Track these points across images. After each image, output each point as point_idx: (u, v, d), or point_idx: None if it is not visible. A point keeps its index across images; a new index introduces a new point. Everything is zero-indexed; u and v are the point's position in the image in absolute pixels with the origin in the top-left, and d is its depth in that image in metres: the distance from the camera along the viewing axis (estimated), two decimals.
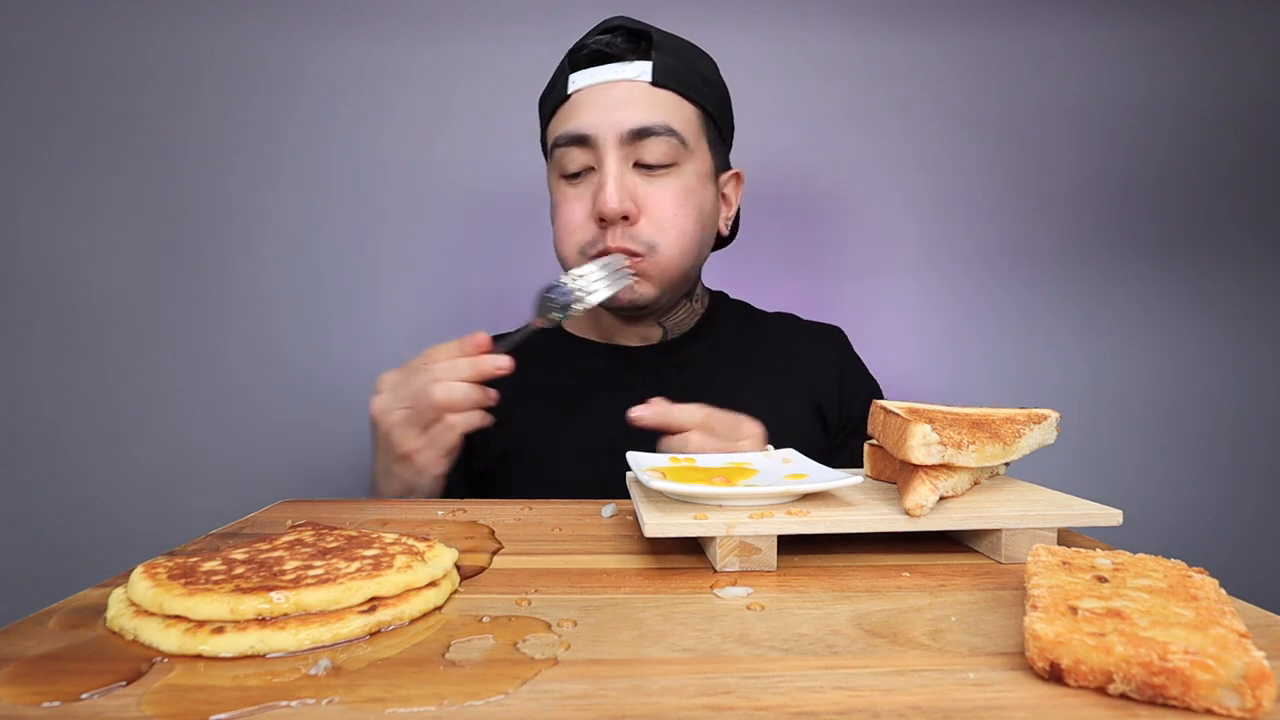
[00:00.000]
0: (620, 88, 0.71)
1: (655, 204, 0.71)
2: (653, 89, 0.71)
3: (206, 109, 1.07)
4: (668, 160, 0.71)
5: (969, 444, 0.42)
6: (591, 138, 0.70)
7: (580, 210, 0.72)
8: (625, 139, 0.70)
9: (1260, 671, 0.23)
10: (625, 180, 0.70)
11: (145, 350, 1.06)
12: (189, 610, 0.30)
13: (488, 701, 0.25)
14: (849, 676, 0.27)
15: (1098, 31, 1.13)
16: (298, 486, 1.04)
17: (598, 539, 0.46)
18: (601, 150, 0.70)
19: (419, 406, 0.61)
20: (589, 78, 0.71)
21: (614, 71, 0.71)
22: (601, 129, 0.70)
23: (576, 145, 0.71)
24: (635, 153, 0.70)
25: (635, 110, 0.70)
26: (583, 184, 0.72)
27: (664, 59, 0.72)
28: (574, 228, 0.72)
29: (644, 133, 0.70)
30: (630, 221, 0.70)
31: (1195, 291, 1.15)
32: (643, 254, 0.71)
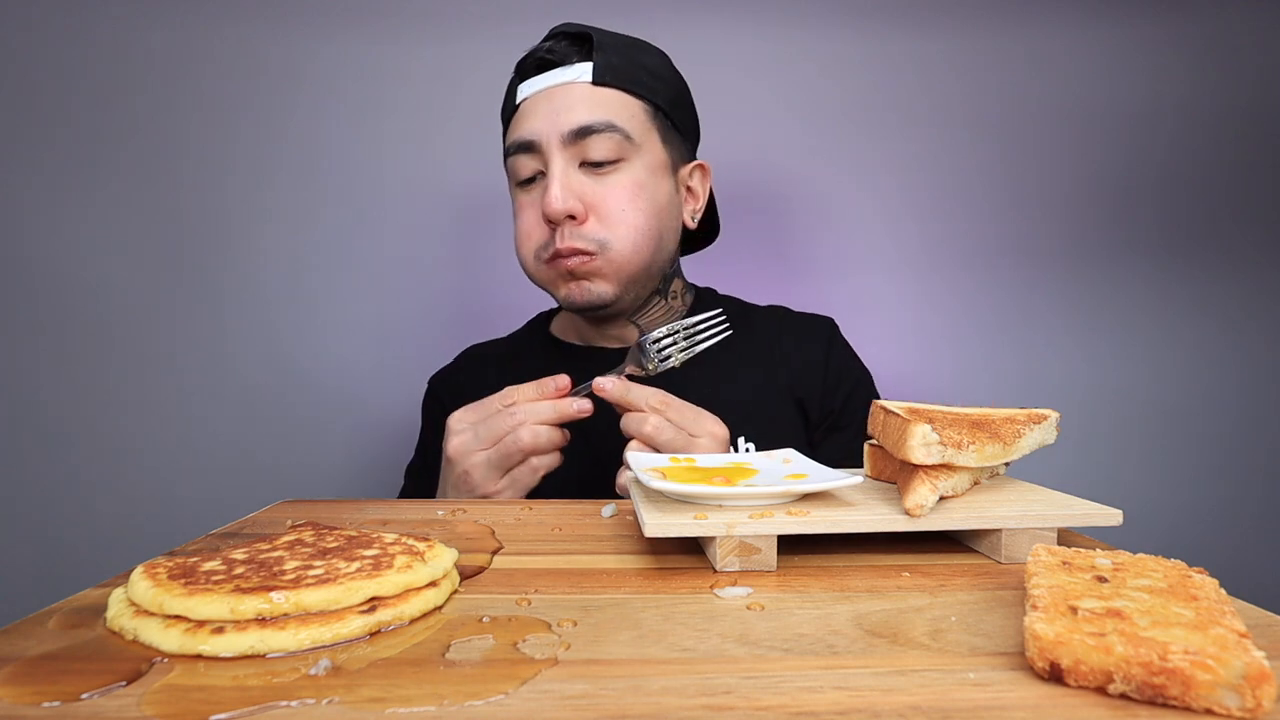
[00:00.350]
0: (562, 91, 0.72)
1: (603, 201, 0.71)
2: (595, 89, 0.72)
3: (206, 109, 1.07)
4: (613, 156, 0.71)
5: (969, 444, 0.42)
6: (536, 142, 0.71)
7: (533, 215, 0.73)
8: (567, 140, 0.70)
9: (1260, 671, 0.23)
10: (570, 180, 0.70)
11: (145, 350, 1.06)
12: (189, 610, 0.30)
13: (488, 701, 0.25)
14: (849, 676, 0.27)
15: (1098, 32, 1.13)
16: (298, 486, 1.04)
17: (598, 539, 0.46)
18: (546, 153, 0.71)
19: (504, 449, 0.62)
20: (533, 85, 0.73)
21: (556, 76, 0.72)
22: (544, 133, 0.71)
23: (524, 152, 0.72)
24: (580, 152, 0.71)
25: (576, 111, 0.71)
26: (535, 189, 0.73)
27: (605, 58, 0.73)
28: (528, 232, 0.73)
29: (585, 131, 0.70)
30: (578, 221, 0.70)
31: (1195, 291, 1.15)
32: (594, 252, 0.71)
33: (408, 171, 1.10)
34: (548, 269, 0.73)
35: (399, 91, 1.09)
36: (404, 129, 1.10)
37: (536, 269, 0.75)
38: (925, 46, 1.13)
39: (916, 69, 1.13)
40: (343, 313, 1.10)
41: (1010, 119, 1.14)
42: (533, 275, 0.76)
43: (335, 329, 1.10)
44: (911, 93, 1.13)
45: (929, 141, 1.13)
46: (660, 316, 0.81)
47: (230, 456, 1.07)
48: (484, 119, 1.10)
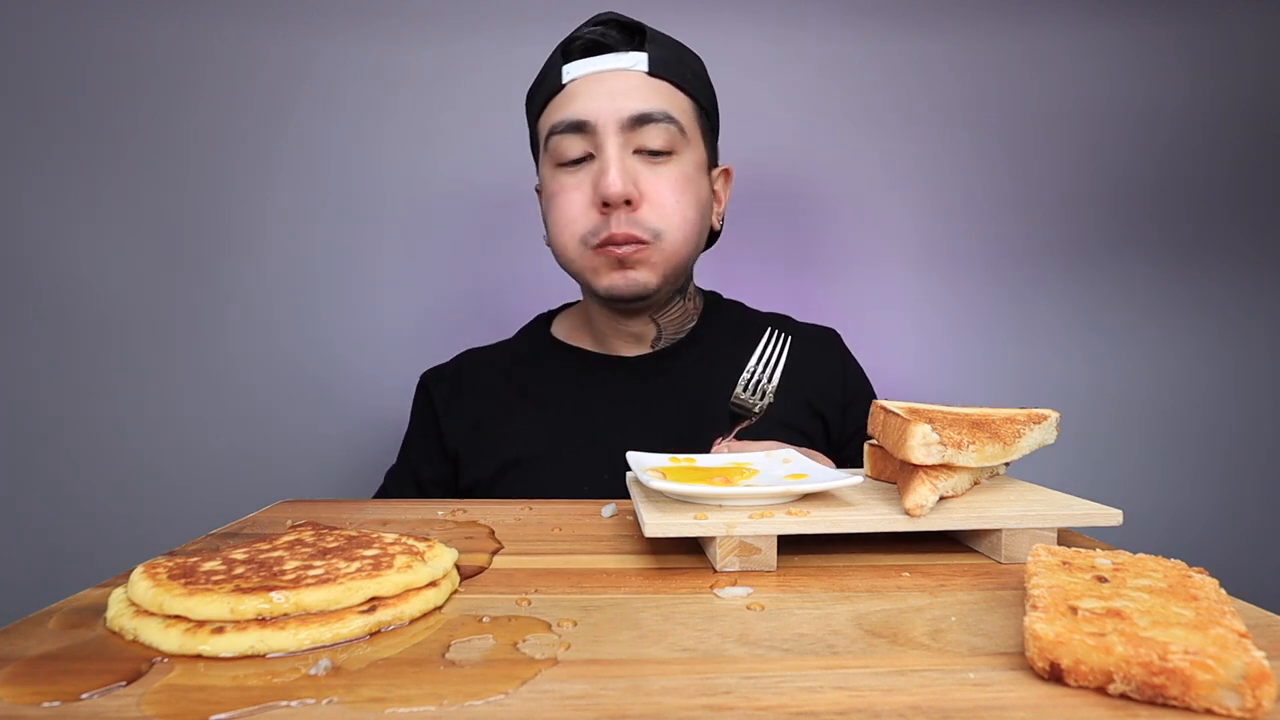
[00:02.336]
0: (617, 77, 0.71)
1: (656, 190, 0.70)
2: (649, 78, 0.71)
3: (206, 109, 1.07)
4: (668, 147, 0.71)
5: (969, 444, 0.42)
6: (591, 124, 0.69)
7: (579, 198, 0.71)
8: (625, 125, 0.69)
9: (1260, 671, 0.23)
10: (627, 165, 0.69)
11: (145, 350, 1.06)
12: (189, 610, 0.30)
13: (488, 701, 0.25)
14: (849, 676, 0.27)
15: (1098, 32, 1.13)
16: (298, 486, 1.04)
17: (598, 539, 0.46)
18: (601, 136, 0.69)
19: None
20: (584, 67, 0.71)
21: (610, 61, 0.71)
22: (601, 115, 0.69)
23: (574, 132, 0.70)
24: (635, 139, 0.70)
25: (634, 98, 0.70)
26: (581, 172, 0.71)
27: (658, 50, 0.72)
28: (574, 216, 0.71)
29: (644, 119, 0.69)
30: (633, 207, 0.69)
31: (1195, 292, 1.15)
32: (648, 241, 0.70)
33: (408, 171, 1.10)
34: (594, 256, 0.71)
35: (399, 92, 1.09)
36: (404, 129, 1.10)
37: (580, 254, 0.72)
38: (925, 47, 1.13)
39: (916, 69, 1.13)
40: (343, 312, 1.10)
41: (1010, 119, 1.14)
42: (572, 261, 0.73)
43: (335, 329, 1.10)
44: (911, 93, 1.13)
45: (929, 142, 1.13)
46: (677, 317, 0.81)
47: (230, 456, 1.07)
48: (484, 119, 1.10)
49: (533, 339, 0.87)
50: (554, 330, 0.86)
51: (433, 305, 1.11)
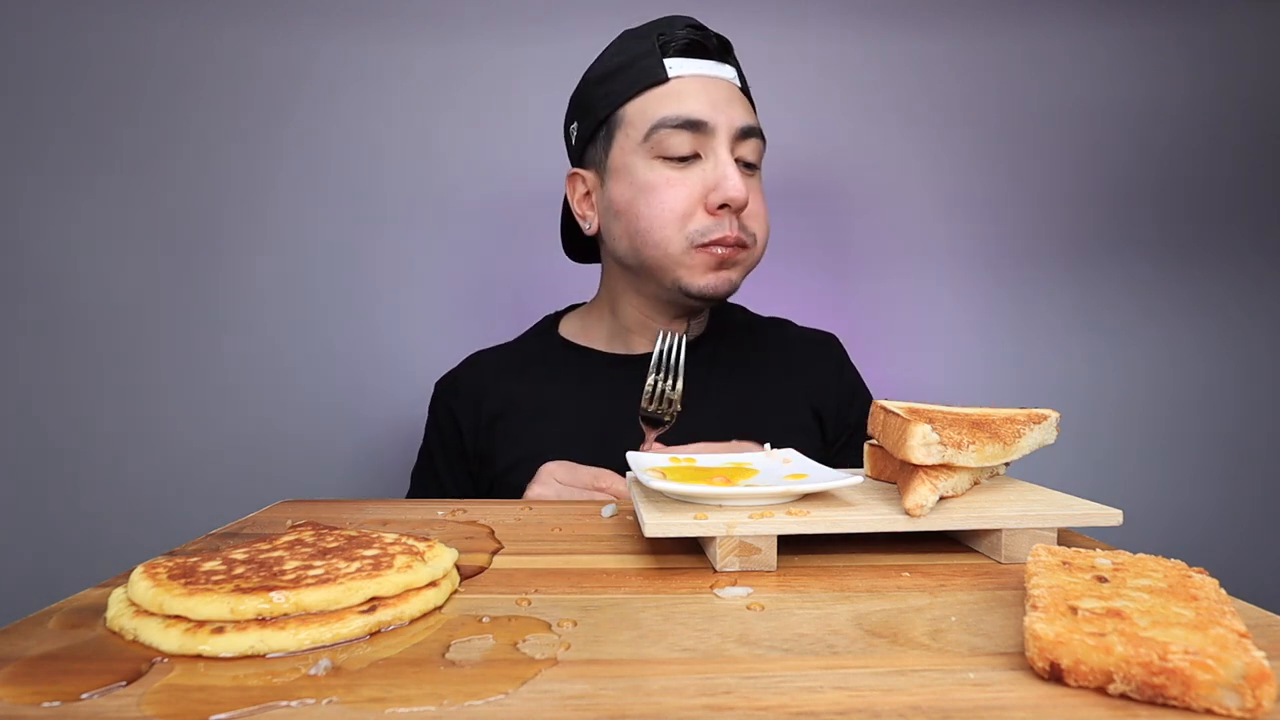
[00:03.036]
0: (722, 85, 0.73)
1: (754, 199, 0.74)
2: (741, 94, 0.75)
3: (206, 109, 1.07)
4: (759, 161, 0.76)
5: (969, 444, 0.42)
6: (710, 126, 0.71)
7: (685, 195, 0.72)
8: (737, 134, 0.72)
9: (1260, 671, 0.23)
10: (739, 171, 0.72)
11: (145, 350, 1.06)
12: (189, 610, 0.30)
13: (488, 701, 0.25)
14: (849, 676, 0.27)
15: (1098, 31, 1.13)
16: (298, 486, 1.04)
17: (598, 539, 0.46)
18: (716, 140, 0.72)
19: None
20: (689, 67, 0.73)
21: (712, 68, 0.74)
22: (717, 120, 0.71)
23: (687, 130, 0.71)
24: (738, 149, 0.73)
25: (739, 109, 0.73)
26: (689, 170, 0.72)
27: (739, 70, 0.77)
28: (683, 213, 0.72)
29: (749, 132, 0.73)
30: (742, 213, 0.73)
31: (1195, 291, 1.15)
32: (749, 245, 0.74)
33: (408, 172, 1.10)
34: (697, 254, 0.72)
35: (399, 91, 1.09)
36: (404, 129, 1.10)
37: (682, 250, 0.73)
38: (925, 47, 1.13)
39: (916, 69, 1.13)
40: (343, 312, 1.10)
41: (1010, 119, 1.14)
42: (669, 255, 0.73)
43: (335, 328, 1.10)
44: (911, 93, 1.13)
45: (929, 141, 1.13)
46: (705, 317, 0.83)
47: (230, 456, 1.07)
48: (485, 119, 1.10)
49: (541, 339, 0.87)
50: (562, 330, 0.86)
51: (434, 305, 1.11)
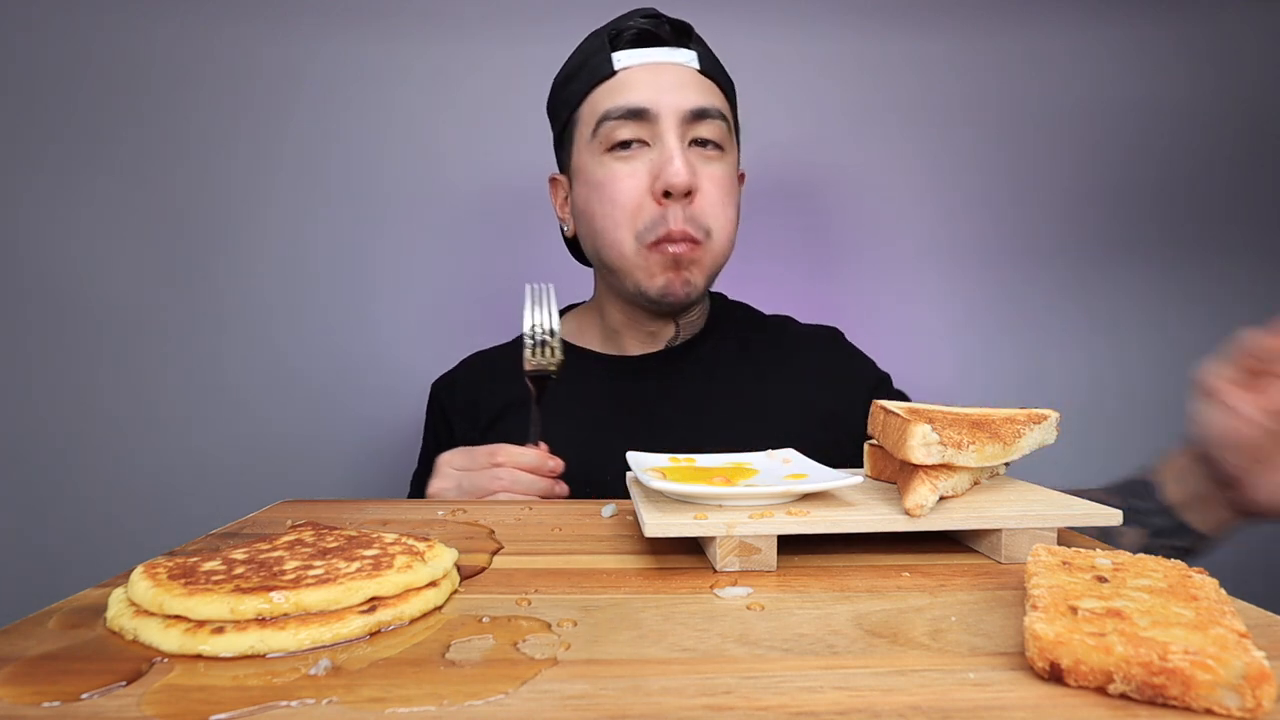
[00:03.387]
0: (672, 70, 0.71)
1: (710, 185, 0.70)
2: (700, 76, 0.72)
3: (206, 109, 1.07)
4: (720, 141, 0.72)
5: (969, 444, 0.42)
6: (651, 112, 0.69)
7: (634, 187, 0.70)
8: (686, 117, 0.69)
9: (1260, 671, 0.23)
10: (687, 155, 0.69)
11: (145, 350, 1.06)
12: (189, 610, 0.30)
13: (488, 701, 0.25)
14: (849, 676, 0.27)
15: (1098, 31, 1.13)
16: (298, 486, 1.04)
17: (598, 539, 0.46)
18: (662, 125, 0.69)
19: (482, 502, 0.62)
20: (637, 57, 0.71)
21: (663, 54, 0.71)
22: (661, 105, 0.69)
23: (632, 119, 0.70)
24: (692, 131, 0.70)
25: (692, 92, 0.70)
26: (635, 159, 0.70)
27: (705, 51, 0.73)
28: (628, 206, 0.70)
29: (703, 113, 0.70)
30: (691, 199, 0.69)
31: (1195, 291, 1.15)
32: (700, 240, 0.70)
33: (408, 172, 1.10)
34: (647, 254, 0.70)
35: (399, 91, 1.09)
36: (404, 129, 1.10)
37: (635, 253, 0.70)
38: (925, 47, 1.13)
39: (916, 69, 1.13)
40: (343, 313, 1.10)
41: (1010, 119, 1.14)
42: (624, 258, 0.71)
43: (336, 329, 1.10)
44: (911, 93, 1.13)
45: (929, 141, 1.13)
46: (696, 318, 0.81)
47: (230, 456, 1.07)
48: (485, 119, 1.10)
49: None
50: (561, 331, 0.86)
51: (434, 305, 1.11)
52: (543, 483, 0.64)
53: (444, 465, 0.65)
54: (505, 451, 0.63)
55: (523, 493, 0.62)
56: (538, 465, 0.63)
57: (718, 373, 0.79)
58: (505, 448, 0.63)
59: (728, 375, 0.79)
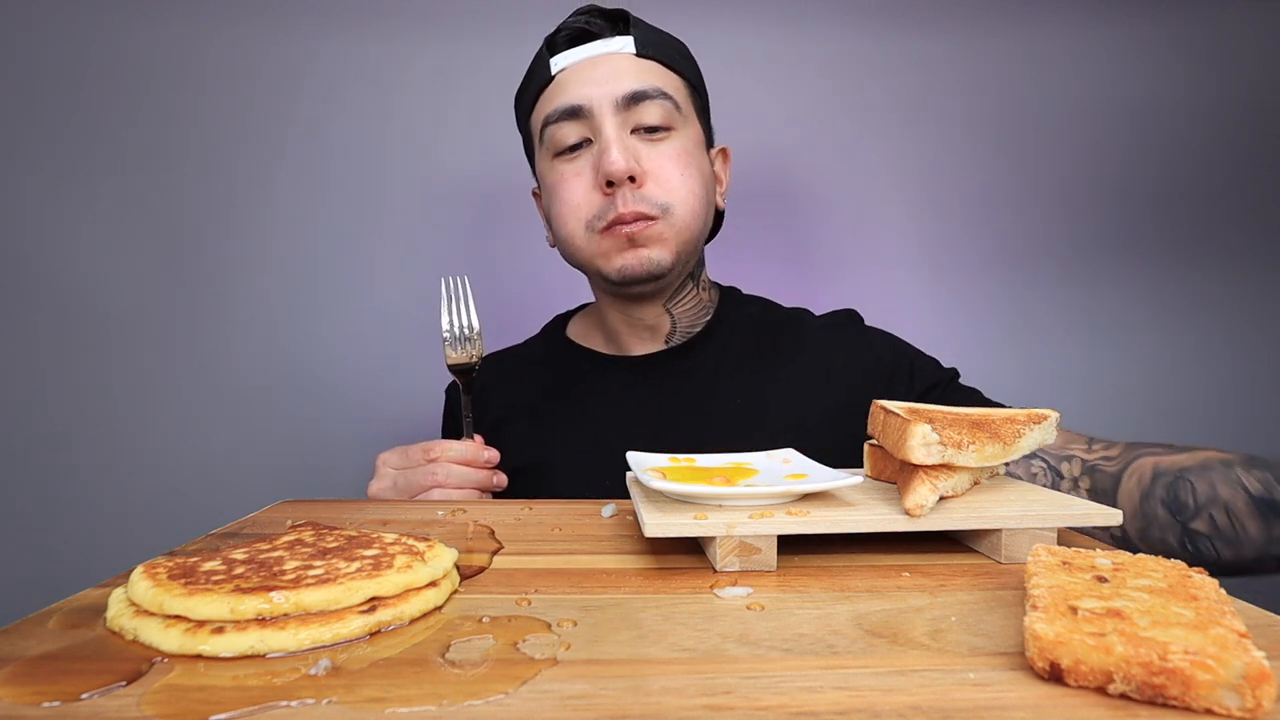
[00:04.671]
0: (607, 60, 0.71)
1: (659, 166, 0.70)
2: (638, 59, 0.71)
3: (206, 108, 1.07)
4: (665, 123, 0.70)
5: (969, 444, 0.42)
6: (585, 107, 0.69)
7: (581, 184, 0.70)
8: (620, 104, 0.69)
9: (1260, 671, 0.23)
10: (627, 143, 0.69)
11: (145, 350, 1.06)
12: (189, 610, 0.30)
13: (488, 701, 0.25)
14: (849, 676, 0.27)
15: (1098, 31, 1.13)
16: (298, 486, 1.04)
17: (598, 539, 0.46)
18: (597, 118, 0.69)
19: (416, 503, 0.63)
20: (572, 56, 0.71)
21: (597, 47, 0.71)
22: (594, 98, 0.69)
23: (569, 119, 0.70)
24: (632, 118, 0.70)
25: (625, 78, 0.70)
26: (580, 158, 0.71)
27: (643, 33, 0.72)
28: (577, 203, 0.70)
29: (639, 96, 0.69)
30: (637, 183, 0.68)
31: (1195, 291, 1.15)
32: (656, 216, 0.69)
33: (409, 171, 1.10)
34: (602, 240, 0.70)
35: (399, 91, 1.09)
36: (404, 129, 1.10)
37: (588, 241, 0.71)
38: (925, 46, 1.13)
39: (916, 69, 1.13)
40: (343, 313, 1.10)
41: (1010, 119, 1.14)
42: (580, 250, 0.72)
43: (335, 329, 1.10)
44: (911, 92, 1.13)
45: (929, 141, 1.13)
46: (691, 307, 0.79)
47: (230, 456, 1.07)
48: (484, 119, 1.10)
49: (548, 341, 0.86)
50: (569, 331, 0.85)
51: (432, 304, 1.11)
52: (479, 475, 0.64)
53: (381, 465, 0.65)
54: (440, 446, 0.64)
55: (458, 485, 0.63)
56: (472, 458, 0.64)
57: (722, 370, 0.77)
58: (440, 443, 0.64)
59: (732, 373, 0.77)
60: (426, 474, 0.62)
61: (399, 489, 0.63)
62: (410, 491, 0.63)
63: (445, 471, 0.62)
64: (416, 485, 0.62)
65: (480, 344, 0.69)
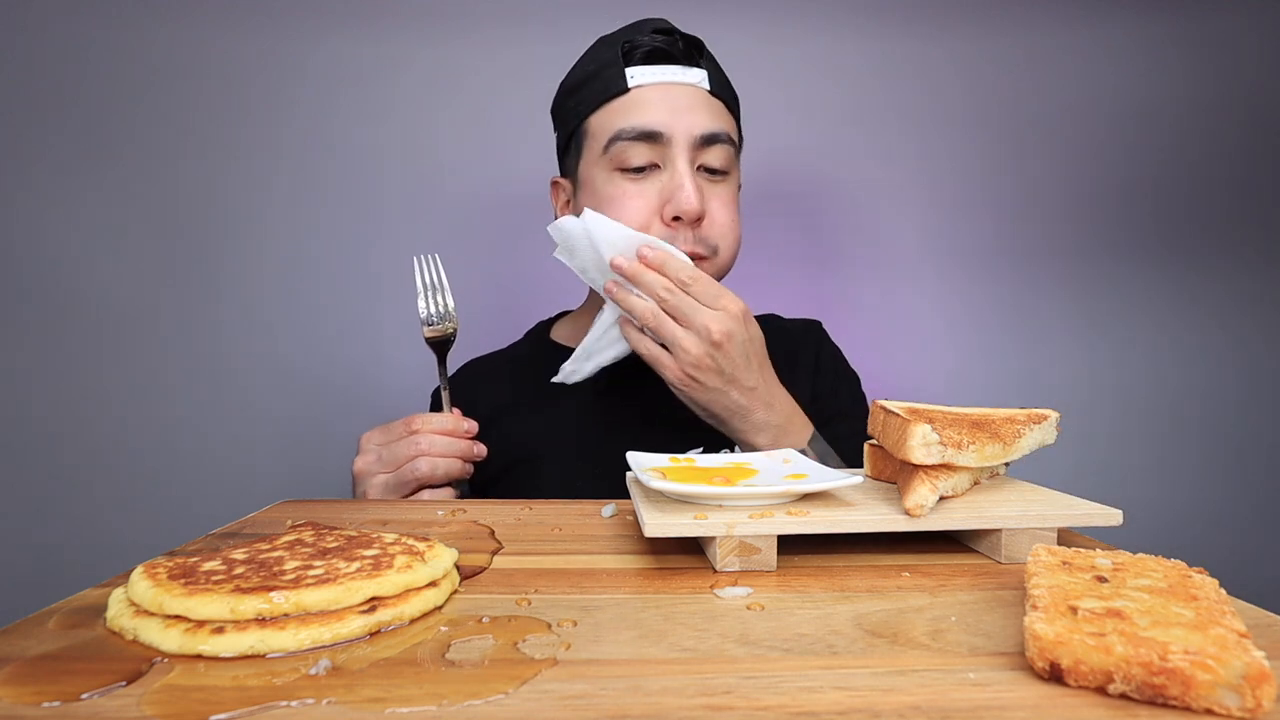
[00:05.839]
0: (685, 91, 0.72)
1: (717, 208, 0.72)
2: (710, 97, 0.73)
3: (206, 108, 1.07)
4: (726, 167, 0.73)
5: (969, 444, 0.42)
6: (665, 136, 0.70)
7: (643, 206, 0.71)
8: (697, 142, 0.71)
9: (1260, 671, 0.23)
10: (698, 182, 0.71)
11: (146, 350, 1.06)
12: (189, 610, 0.30)
13: (488, 701, 0.25)
14: (849, 676, 0.27)
15: (1098, 31, 1.13)
16: (298, 486, 1.04)
17: (598, 539, 0.46)
18: (674, 150, 0.70)
19: (401, 476, 0.64)
20: (651, 75, 0.71)
21: (676, 74, 0.72)
22: (675, 129, 0.70)
23: (644, 140, 0.70)
24: (701, 156, 0.72)
25: (703, 115, 0.71)
26: (646, 180, 0.72)
27: (712, 69, 0.74)
28: (640, 226, 0.71)
29: (712, 139, 0.71)
30: (698, 224, 0.71)
31: (1195, 291, 1.15)
32: (706, 256, 0.72)
33: (407, 171, 1.10)
34: None
35: (399, 91, 1.09)
36: (404, 129, 1.10)
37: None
38: (926, 47, 1.13)
39: (917, 69, 1.13)
40: (342, 313, 1.10)
41: (1010, 119, 1.14)
42: None
43: (335, 329, 1.10)
44: (912, 93, 1.13)
45: (929, 142, 1.13)
46: None
47: (230, 456, 1.07)
48: (484, 119, 1.10)
49: (533, 345, 0.87)
50: (554, 335, 0.87)
51: None
52: (460, 444, 0.66)
53: (365, 442, 0.66)
54: (420, 419, 0.65)
55: (441, 454, 0.64)
56: (453, 428, 0.66)
57: None
58: (420, 416, 0.66)
59: None
60: (409, 444, 0.64)
61: (383, 461, 0.64)
62: (395, 463, 0.64)
63: (428, 441, 0.64)
64: (401, 456, 0.64)
65: (454, 318, 0.72)
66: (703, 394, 0.64)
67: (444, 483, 0.66)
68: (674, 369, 0.64)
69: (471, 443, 0.67)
